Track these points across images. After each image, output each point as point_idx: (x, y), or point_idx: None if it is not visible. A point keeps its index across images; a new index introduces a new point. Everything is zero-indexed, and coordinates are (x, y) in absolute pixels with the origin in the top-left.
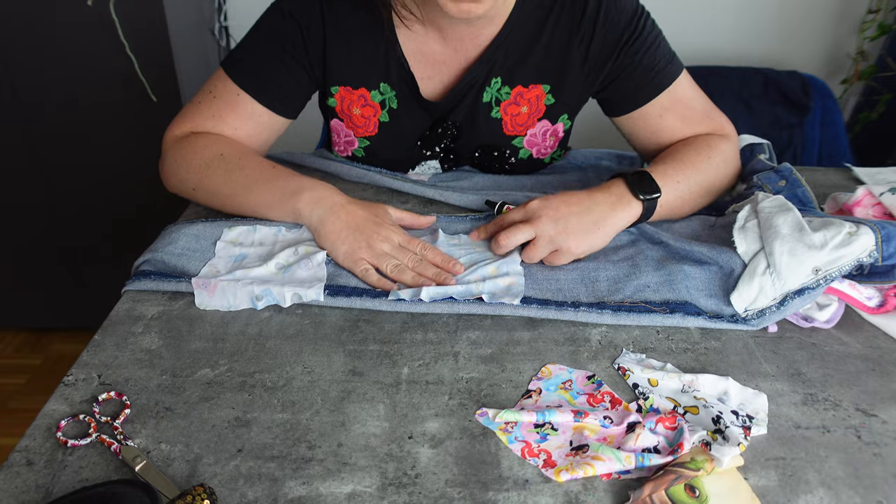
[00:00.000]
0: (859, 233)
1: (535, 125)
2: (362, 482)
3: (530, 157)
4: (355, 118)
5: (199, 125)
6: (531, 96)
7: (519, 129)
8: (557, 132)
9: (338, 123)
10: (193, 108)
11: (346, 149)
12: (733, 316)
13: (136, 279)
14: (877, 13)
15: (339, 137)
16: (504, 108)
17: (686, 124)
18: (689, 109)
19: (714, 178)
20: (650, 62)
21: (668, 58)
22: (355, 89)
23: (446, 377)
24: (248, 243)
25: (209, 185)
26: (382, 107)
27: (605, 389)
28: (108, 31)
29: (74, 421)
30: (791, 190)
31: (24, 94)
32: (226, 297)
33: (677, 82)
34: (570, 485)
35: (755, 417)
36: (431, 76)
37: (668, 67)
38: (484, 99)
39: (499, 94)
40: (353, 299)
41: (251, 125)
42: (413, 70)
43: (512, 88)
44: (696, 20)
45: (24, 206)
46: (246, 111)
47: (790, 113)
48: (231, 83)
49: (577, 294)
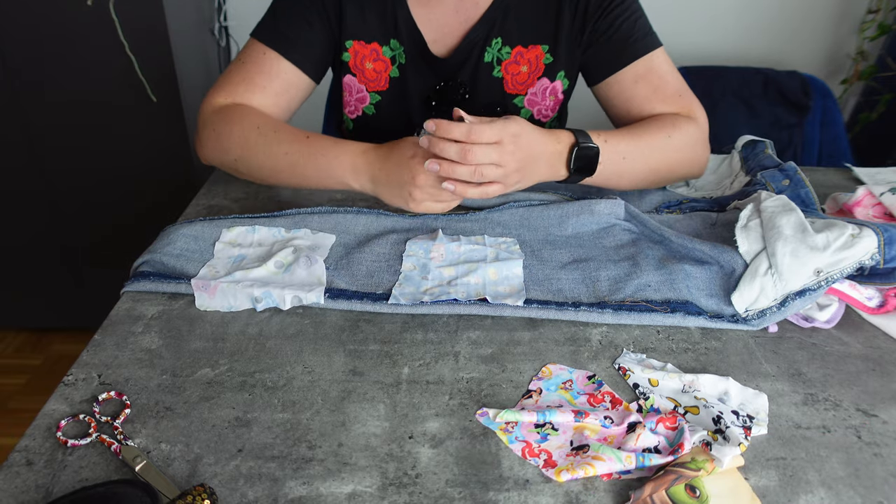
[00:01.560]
0: (862, 235)
1: (534, 84)
2: (363, 482)
3: (531, 118)
4: (368, 72)
5: (230, 91)
6: (531, 56)
7: (519, 88)
8: (556, 91)
9: (350, 79)
10: (225, 77)
11: (358, 107)
12: (734, 316)
13: (134, 280)
14: (877, 13)
15: (351, 95)
16: (505, 66)
17: (657, 96)
18: (662, 82)
19: (669, 158)
20: (628, 29)
21: (647, 30)
22: (368, 43)
23: (447, 377)
24: (247, 244)
25: (252, 160)
26: (393, 62)
27: (605, 389)
28: (108, 31)
29: (74, 421)
30: (794, 190)
31: (24, 94)
32: (226, 298)
33: (654, 54)
34: (571, 485)
35: (756, 417)
36: (436, 39)
37: (646, 39)
38: (486, 59)
39: (500, 53)
40: (354, 302)
41: (278, 83)
42: (420, 29)
43: (512, 48)
44: (696, 20)
45: (24, 206)
46: (273, 69)
47: (790, 113)
48: (258, 44)
49: (578, 294)
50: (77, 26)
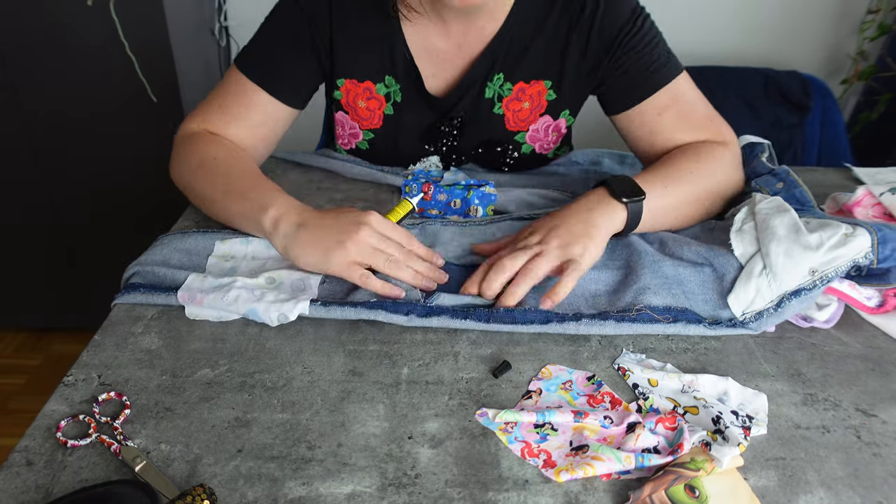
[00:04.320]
0: (855, 234)
1: (537, 121)
2: (362, 482)
3: (532, 153)
4: (360, 111)
5: (207, 118)
6: (533, 92)
7: (521, 125)
8: (560, 128)
9: (343, 116)
10: (205, 103)
11: (350, 141)
12: (731, 320)
13: (125, 292)
14: (877, 13)
15: (344, 130)
16: (506, 103)
17: (684, 124)
18: (688, 109)
19: (709, 187)
20: (647, 59)
21: (666, 57)
22: (361, 82)
23: (446, 377)
24: (241, 256)
25: (196, 187)
26: (387, 100)
27: (605, 390)
28: (108, 31)
29: (74, 421)
30: (788, 191)
31: (24, 95)
32: (214, 308)
33: (677, 81)
34: (570, 485)
35: (755, 417)
36: (435, 73)
37: (667, 66)
38: (486, 95)
39: (501, 89)
40: (347, 310)
41: (256, 115)
42: (418, 65)
43: (514, 84)
44: (696, 20)
45: (24, 206)
46: (251, 100)
47: (790, 113)
48: (238, 74)
49: (578, 306)
50: (77, 26)
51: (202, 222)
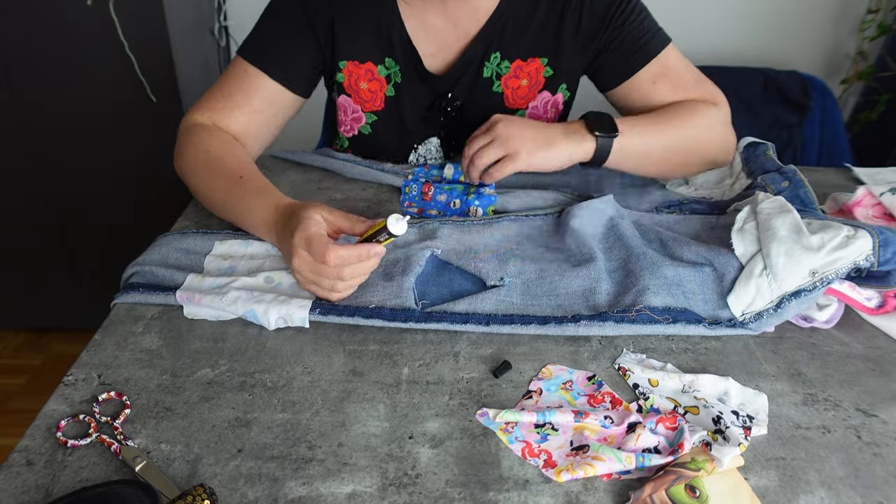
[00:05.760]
0: (857, 236)
1: (535, 97)
2: (362, 482)
3: None
4: (363, 93)
5: (209, 108)
6: (530, 69)
7: (520, 102)
8: (557, 104)
9: (345, 100)
10: (207, 94)
11: (353, 126)
12: (731, 320)
13: (125, 292)
14: (876, 13)
15: (346, 115)
16: (505, 81)
17: (677, 91)
18: (680, 77)
19: (693, 140)
20: (638, 32)
21: (655, 30)
22: (362, 63)
23: (447, 377)
24: (239, 256)
25: (197, 184)
26: (388, 81)
27: (605, 390)
28: (108, 31)
29: (74, 421)
30: (793, 191)
31: (24, 94)
32: (213, 308)
33: (667, 51)
34: (571, 485)
35: (755, 418)
36: (434, 52)
37: (656, 37)
38: (484, 74)
39: (499, 68)
40: (345, 318)
41: (259, 101)
42: (416, 45)
43: (511, 62)
44: (695, 20)
45: (23, 206)
46: (253, 87)
47: (790, 113)
48: (241, 61)
49: (578, 307)
50: (77, 26)
51: (202, 222)
